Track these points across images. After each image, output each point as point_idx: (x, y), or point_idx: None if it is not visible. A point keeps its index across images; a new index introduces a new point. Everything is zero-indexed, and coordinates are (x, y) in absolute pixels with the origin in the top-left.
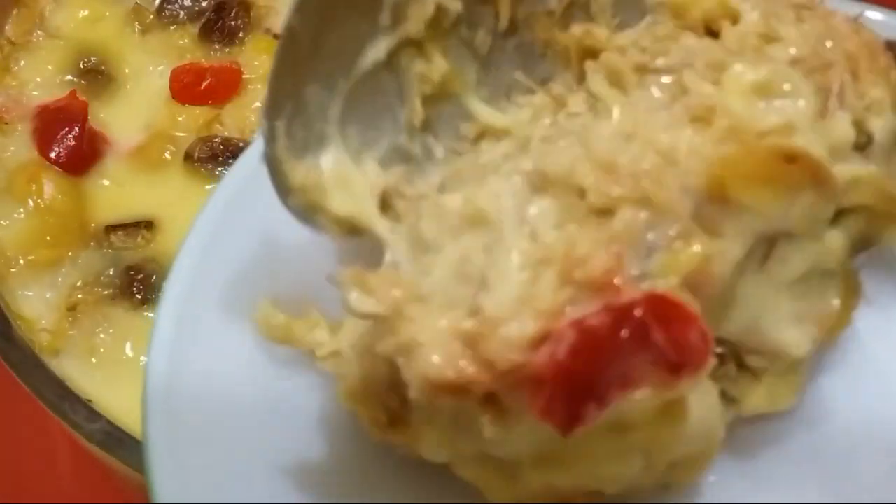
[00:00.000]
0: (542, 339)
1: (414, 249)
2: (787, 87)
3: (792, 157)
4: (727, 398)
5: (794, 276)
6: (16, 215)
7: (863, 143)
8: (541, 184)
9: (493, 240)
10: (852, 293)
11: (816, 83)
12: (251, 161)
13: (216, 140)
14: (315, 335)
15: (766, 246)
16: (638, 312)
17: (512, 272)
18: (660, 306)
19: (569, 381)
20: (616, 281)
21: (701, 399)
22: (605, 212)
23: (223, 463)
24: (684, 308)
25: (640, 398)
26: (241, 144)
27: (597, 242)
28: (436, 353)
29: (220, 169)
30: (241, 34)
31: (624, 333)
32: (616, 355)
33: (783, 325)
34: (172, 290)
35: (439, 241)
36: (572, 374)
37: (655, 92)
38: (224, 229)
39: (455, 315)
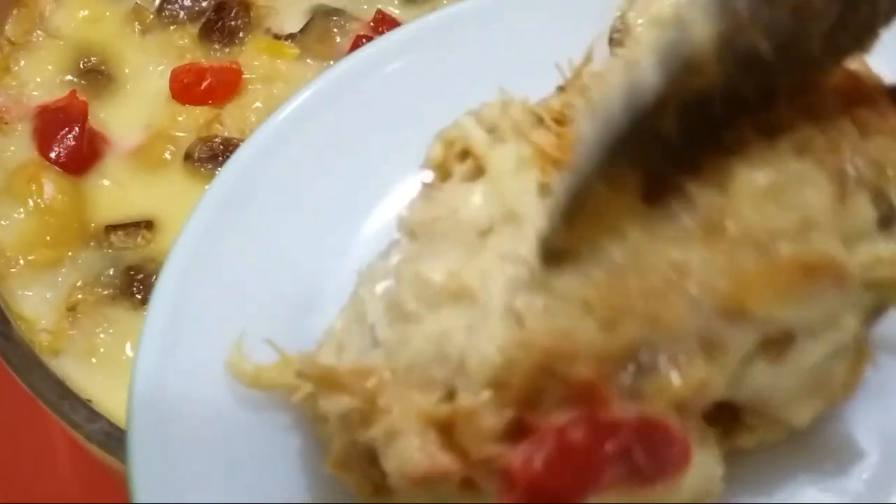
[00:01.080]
0: (517, 430)
1: (391, 314)
2: (798, 182)
3: (813, 268)
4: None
5: (807, 366)
6: (16, 215)
7: (885, 214)
8: (539, 282)
9: (476, 319)
10: (861, 359)
11: (829, 167)
12: (240, 164)
13: (216, 140)
14: (288, 378)
15: (777, 341)
16: (624, 435)
17: (491, 355)
18: (647, 430)
19: (540, 491)
20: (604, 391)
21: (699, 459)
22: (606, 323)
23: (202, 472)
24: (672, 432)
25: (612, 499)
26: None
27: (589, 346)
28: (413, 445)
29: (220, 169)
30: (241, 34)
31: (605, 450)
32: (592, 469)
33: (789, 401)
34: (161, 295)
35: (418, 312)
36: (545, 486)
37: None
38: (215, 233)
39: (431, 398)
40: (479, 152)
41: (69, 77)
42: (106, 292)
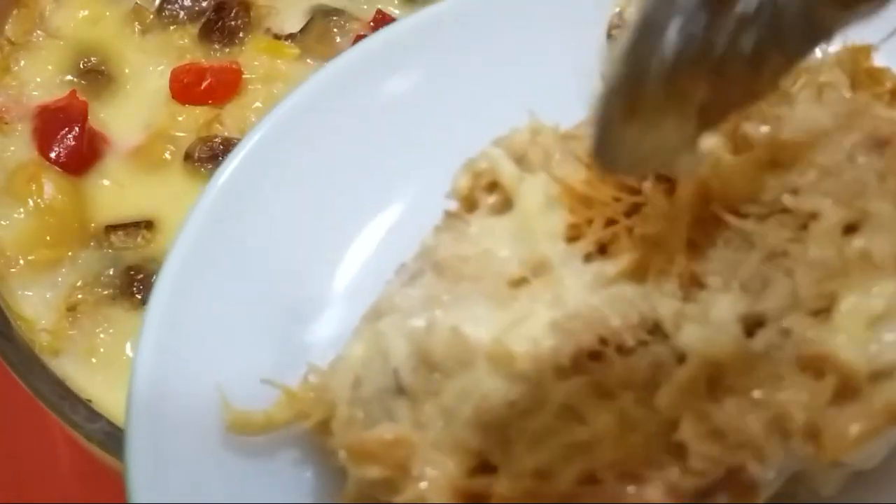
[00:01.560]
0: None
1: (419, 362)
2: None
3: None
4: None
5: None
6: (16, 215)
7: None
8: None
9: (523, 397)
10: None
11: None
12: (236, 167)
13: (216, 140)
14: (294, 410)
15: None
16: None
17: (531, 441)
18: None
19: None
20: None
21: None
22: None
23: (198, 477)
24: None
25: None
26: None
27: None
28: None
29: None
30: (241, 34)
31: None
32: None
33: None
34: (158, 298)
35: (450, 367)
36: None
37: (760, 339)
38: (210, 236)
39: (462, 465)
40: (507, 185)
41: (69, 77)
42: (106, 292)
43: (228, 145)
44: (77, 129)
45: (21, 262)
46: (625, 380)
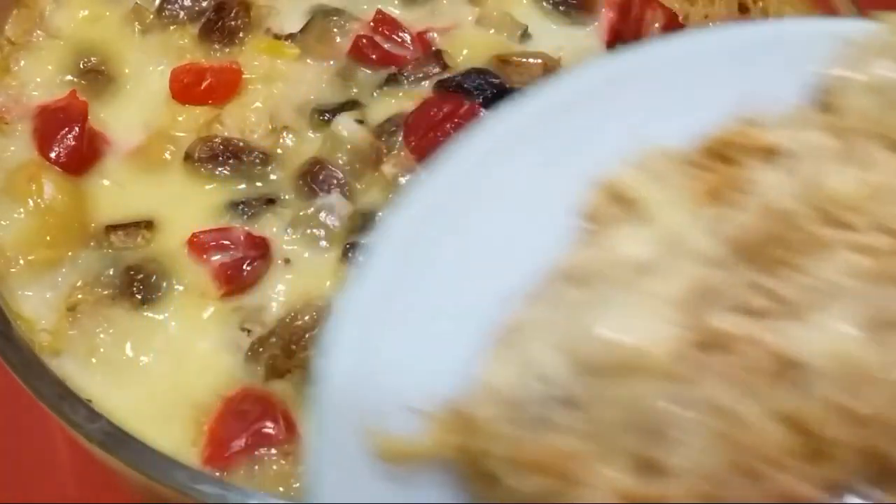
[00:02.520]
0: None
1: (580, 372)
2: None
3: None
4: None
5: None
6: (16, 215)
7: None
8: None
9: (675, 396)
10: None
11: None
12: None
13: (216, 140)
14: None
15: None
16: None
17: (691, 440)
18: None
19: None
20: None
21: None
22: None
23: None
24: None
25: None
26: (241, 144)
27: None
28: None
29: (219, 169)
30: (241, 34)
31: None
32: None
33: None
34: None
35: (609, 372)
36: None
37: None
38: (416, 242)
39: (620, 467)
40: (636, 196)
41: (69, 77)
42: (106, 292)
43: (228, 145)
44: (77, 129)
45: (21, 262)
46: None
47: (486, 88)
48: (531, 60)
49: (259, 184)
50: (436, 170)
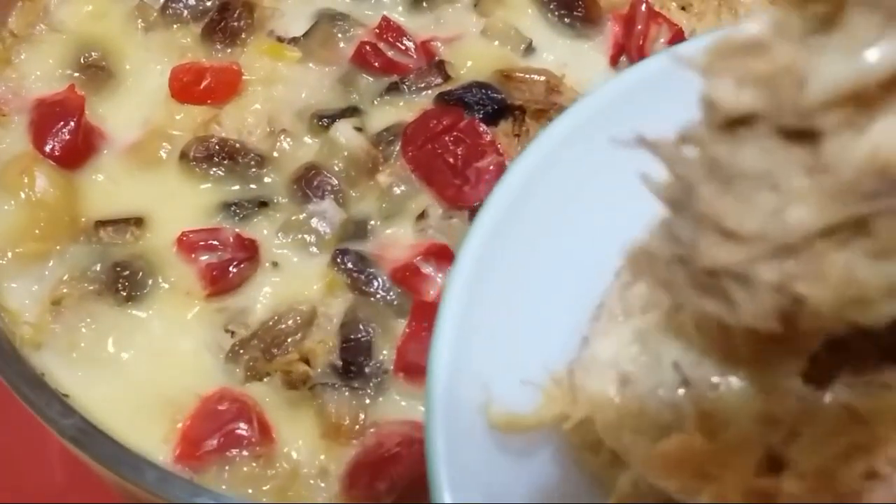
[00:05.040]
0: None
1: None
2: None
3: None
4: None
5: None
6: (6, 207)
7: None
8: None
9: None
10: None
11: None
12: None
13: (213, 140)
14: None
15: None
16: None
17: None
18: None
19: None
20: None
21: None
22: None
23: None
24: None
25: None
26: (238, 146)
27: None
28: None
29: (214, 169)
30: (243, 35)
31: None
32: None
33: None
34: (457, 293)
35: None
36: None
37: None
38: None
39: (749, 460)
40: None
41: (69, 71)
42: (91, 287)
43: (224, 146)
44: (73, 123)
45: (9, 254)
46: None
47: (487, 103)
48: (534, 77)
49: (253, 186)
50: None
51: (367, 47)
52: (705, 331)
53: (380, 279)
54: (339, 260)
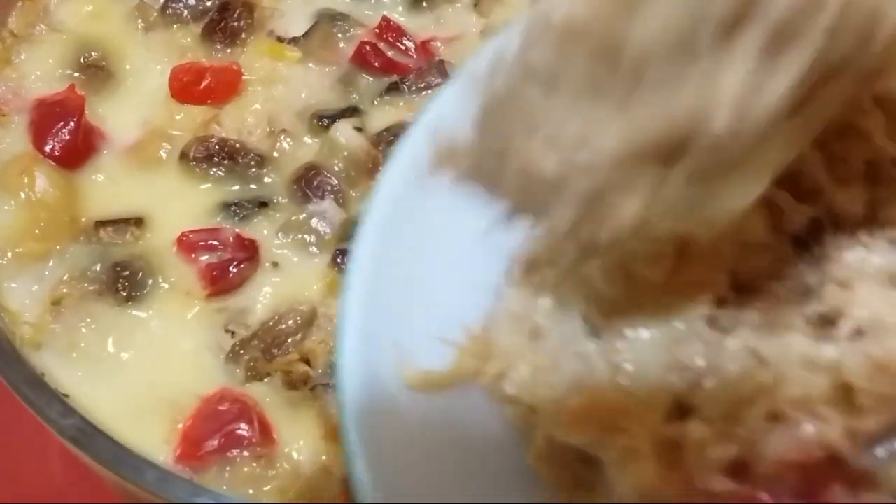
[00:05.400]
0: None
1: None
2: None
3: None
4: None
5: None
6: (6, 207)
7: None
8: None
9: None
10: None
11: None
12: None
13: (212, 140)
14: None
15: None
16: None
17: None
18: None
19: None
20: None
21: None
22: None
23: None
24: None
25: None
26: (238, 146)
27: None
28: (649, 469)
29: (214, 169)
30: (243, 35)
31: None
32: None
33: None
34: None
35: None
36: None
37: None
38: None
39: (658, 408)
40: None
41: (69, 71)
42: (91, 287)
43: (224, 146)
44: (73, 123)
45: (9, 254)
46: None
47: None
48: None
49: (253, 186)
50: None
51: (367, 47)
52: (611, 280)
53: None
54: (339, 260)
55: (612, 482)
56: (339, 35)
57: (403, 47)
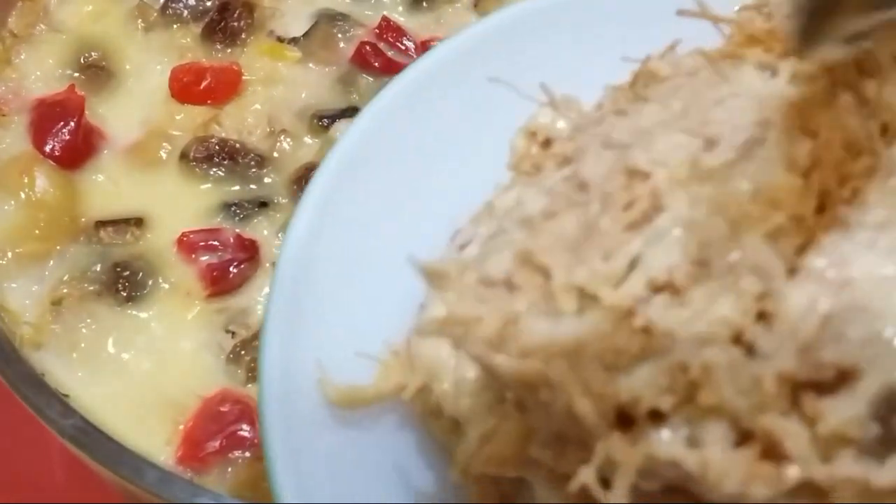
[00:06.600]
0: None
1: None
2: None
3: None
4: None
5: None
6: (6, 207)
7: None
8: None
9: None
10: None
11: None
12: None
13: (213, 140)
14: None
15: None
16: None
17: None
18: None
19: None
20: None
21: None
22: None
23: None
24: None
25: None
26: (238, 146)
27: None
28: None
29: (214, 170)
30: (243, 35)
31: None
32: None
33: None
34: (284, 274)
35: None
36: None
37: None
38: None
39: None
40: (561, 135)
41: (69, 71)
42: (91, 288)
43: (224, 146)
44: (73, 123)
45: (9, 254)
46: None
47: None
48: None
49: (253, 186)
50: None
51: (367, 47)
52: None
53: None
54: None
55: (541, 498)
56: (339, 35)
57: (403, 47)
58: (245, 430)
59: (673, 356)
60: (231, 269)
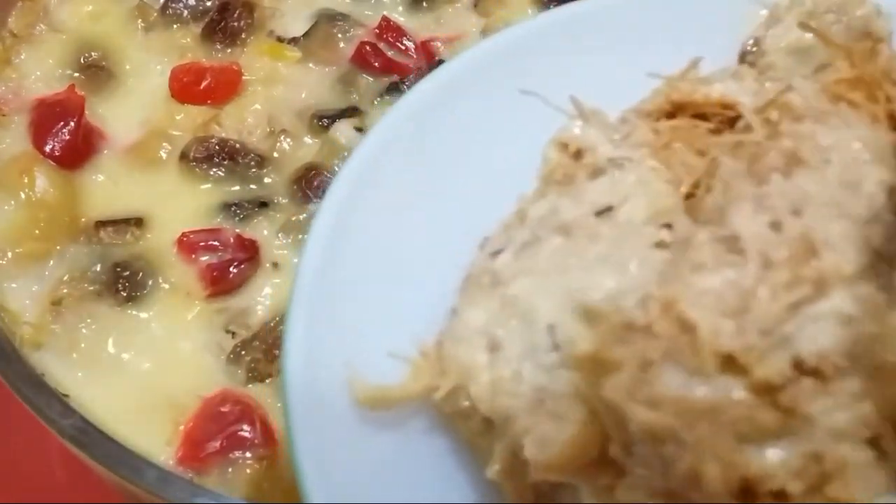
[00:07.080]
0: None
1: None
2: None
3: None
4: None
5: None
6: (6, 207)
7: None
8: None
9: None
10: None
11: None
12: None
13: (212, 140)
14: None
15: None
16: None
17: None
18: None
19: None
20: None
21: None
22: None
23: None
24: None
25: None
26: (238, 146)
27: None
28: None
29: (214, 170)
30: (243, 35)
31: None
32: None
33: None
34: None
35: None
36: None
37: None
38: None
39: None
40: (593, 146)
41: (69, 71)
42: (91, 288)
43: (224, 146)
44: (73, 123)
45: (9, 254)
46: None
47: None
48: None
49: (253, 186)
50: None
51: (367, 47)
52: None
53: None
54: None
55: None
56: (339, 35)
57: (403, 47)
58: (245, 431)
59: (811, 443)
60: (231, 269)
